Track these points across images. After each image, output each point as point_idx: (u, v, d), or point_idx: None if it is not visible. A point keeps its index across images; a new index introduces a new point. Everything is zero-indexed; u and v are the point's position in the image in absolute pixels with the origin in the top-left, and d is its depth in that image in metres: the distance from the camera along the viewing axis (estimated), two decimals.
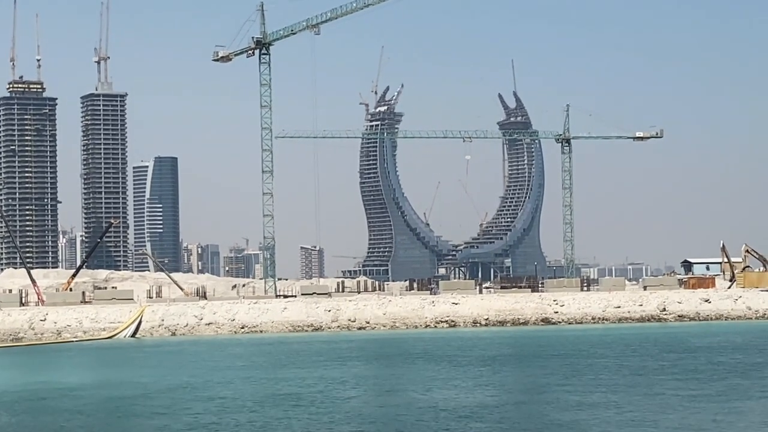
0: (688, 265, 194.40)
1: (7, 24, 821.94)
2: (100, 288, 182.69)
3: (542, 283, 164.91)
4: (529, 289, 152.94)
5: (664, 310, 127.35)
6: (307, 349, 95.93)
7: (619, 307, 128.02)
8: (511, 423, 49.15)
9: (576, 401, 55.29)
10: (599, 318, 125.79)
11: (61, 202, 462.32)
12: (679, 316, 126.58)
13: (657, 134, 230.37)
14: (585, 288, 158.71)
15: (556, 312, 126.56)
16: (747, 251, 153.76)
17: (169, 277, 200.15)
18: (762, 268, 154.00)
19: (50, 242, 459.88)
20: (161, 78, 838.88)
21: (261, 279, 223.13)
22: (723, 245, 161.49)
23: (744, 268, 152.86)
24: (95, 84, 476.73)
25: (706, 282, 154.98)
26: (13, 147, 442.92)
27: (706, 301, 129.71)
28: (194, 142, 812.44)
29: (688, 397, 56.14)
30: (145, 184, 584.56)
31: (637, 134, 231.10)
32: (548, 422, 49.06)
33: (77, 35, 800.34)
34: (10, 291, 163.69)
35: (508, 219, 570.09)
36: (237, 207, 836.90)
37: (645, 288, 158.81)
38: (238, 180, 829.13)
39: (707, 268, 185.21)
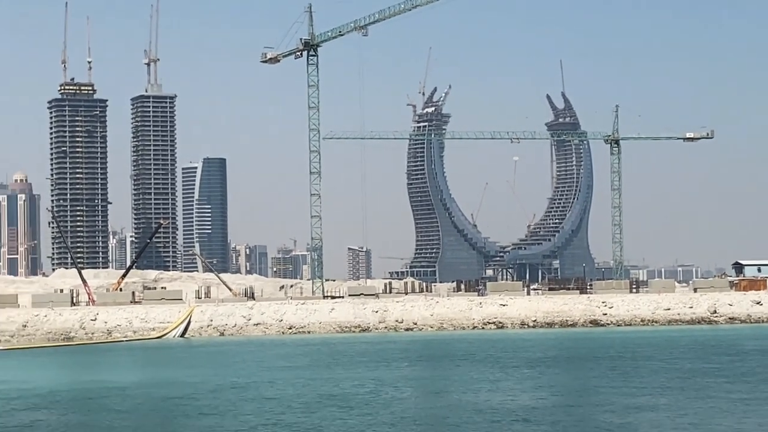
0: (739, 267, 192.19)
1: (58, 27, 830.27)
2: (149, 288, 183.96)
3: (591, 285, 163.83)
4: (578, 291, 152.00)
5: (715, 312, 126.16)
6: (355, 350, 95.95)
7: (668, 309, 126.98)
8: (563, 426, 48.83)
9: (628, 404, 54.85)
10: (648, 320, 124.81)
11: (111, 203, 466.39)
12: (729, 318, 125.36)
13: (708, 135, 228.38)
14: (634, 290, 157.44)
15: (605, 314, 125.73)
16: None
17: (218, 277, 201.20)
18: None
19: (101, 243, 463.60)
20: (210, 79, 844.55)
21: (308, 280, 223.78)
22: None
23: None
24: (145, 86, 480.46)
25: (757, 284, 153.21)
26: (65, 148, 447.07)
27: (758, 303, 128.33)
28: (242, 143, 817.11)
29: (740, 401, 55.51)
30: (193, 185, 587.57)
31: (688, 135, 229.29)
32: (600, 425, 48.68)
33: (127, 38, 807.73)
34: (62, 291, 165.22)
35: (557, 220, 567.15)
36: (285, 208, 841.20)
37: (695, 290, 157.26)
38: (286, 181, 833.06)
39: (759, 270, 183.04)
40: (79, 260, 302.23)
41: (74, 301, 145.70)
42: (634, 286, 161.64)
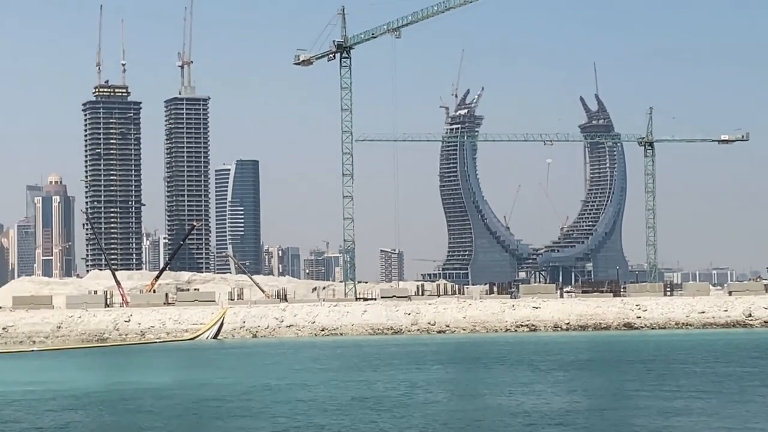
0: None
1: (93, 29, 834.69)
2: (182, 290, 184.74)
3: (624, 288, 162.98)
4: (611, 294, 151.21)
5: (750, 315, 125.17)
6: (387, 352, 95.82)
7: (703, 312, 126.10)
8: (597, 430, 48.50)
9: (663, 407, 54.41)
10: (683, 323, 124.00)
11: (144, 205, 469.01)
12: (765, 321, 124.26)
13: (743, 137, 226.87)
14: (668, 293, 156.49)
15: (639, 317, 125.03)
16: None
17: (251, 279, 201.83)
18: None
19: (134, 244, 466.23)
20: (243, 82, 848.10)
21: (341, 282, 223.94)
22: None
23: None
24: (179, 88, 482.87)
25: None
26: (99, 150, 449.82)
27: None
28: (275, 145, 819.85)
29: None
30: (227, 187, 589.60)
31: (722, 137, 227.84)
32: (635, 429, 48.34)
33: (161, 40, 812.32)
34: (96, 292, 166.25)
35: (590, 223, 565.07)
36: (317, 210, 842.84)
37: (730, 293, 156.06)
38: (319, 183, 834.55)
39: None
40: (112, 262, 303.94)
41: (108, 302, 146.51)
42: (668, 289, 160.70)
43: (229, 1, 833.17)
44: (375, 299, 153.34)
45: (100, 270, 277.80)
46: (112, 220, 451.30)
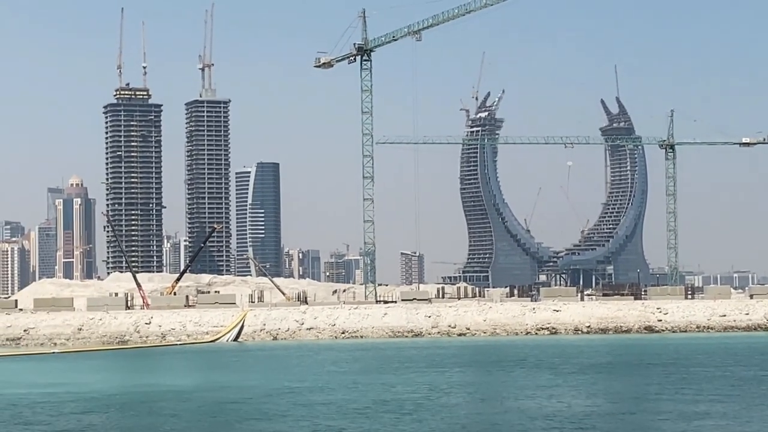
0: None
1: (114, 32, 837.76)
2: (203, 292, 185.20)
3: (645, 291, 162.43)
4: (632, 297, 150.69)
5: None
6: (407, 355, 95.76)
7: (724, 315, 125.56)
8: (619, 431, 48.39)
9: (684, 411, 54.16)
10: (704, 327, 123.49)
11: (165, 207, 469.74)
12: None
13: (764, 140, 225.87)
14: (689, 296, 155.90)
15: (660, 320, 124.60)
16: None
17: (272, 281, 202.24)
18: None
19: (155, 247, 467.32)
20: (264, 84, 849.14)
21: (361, 284, 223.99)
22: None
23: None
24: (199, 90, 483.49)
25: None
26: (120, 153, 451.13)
27: None
28: (296, 147, 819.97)
29: None
30: (247, 189, 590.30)
31: (744, 140, 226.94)
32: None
33: (182, 43, 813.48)
34: (117, 294, 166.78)
35: (611, 226, 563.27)
36: (338, 212, 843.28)
37: (751, 296, 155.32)
38: (339, 185, 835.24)
39: None
40: (133, 264, 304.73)
41: (129, 304, 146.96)
42: (689, 293, 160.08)
43: (250, 4, 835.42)
44: (395, 302, 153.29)
45: (121, 272, 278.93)
46: (133, 222, 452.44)
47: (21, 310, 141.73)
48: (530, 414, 54.16)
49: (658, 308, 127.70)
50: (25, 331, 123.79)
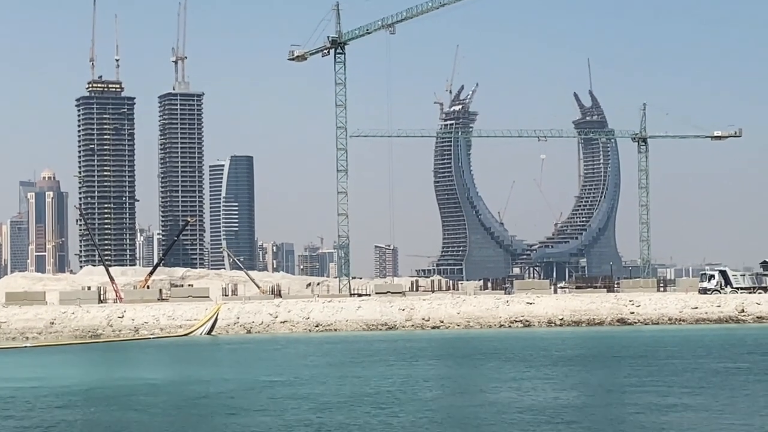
0: (766, 266, 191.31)
1: (86, 24, 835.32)
2: (176, 286, 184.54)
3: (618, 284, 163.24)
4: (605, 290, 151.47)
5: (743, 311, 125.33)
6: (381, 348, 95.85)
7: (696, 307, 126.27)
8: (588, 426, 48.57)
9: (657, 403, 54.49)
10: (676, 319, 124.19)
11: (138, 201, 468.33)
12: (757, 317, 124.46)
13: (735, 133, 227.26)
14: (661, 288, 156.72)
15: (632, 312, 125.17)
16: None
17: (247, 274, 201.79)
18: None
19: (128, 240, 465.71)
20: (237, 77, 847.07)
21: (335, 278, 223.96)
22: None
23: None
24: (172, 83, 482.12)
25: None
26: (93, 146, 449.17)
27: None
28: (269, 141, 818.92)
29: None
30: (221, 182, 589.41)
31: (716, 133, 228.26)
32: (627, 424, 48.44)
33: (155, 35, 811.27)
34: (89, 288, 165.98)
35: (584, 218, 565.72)
36: (312, 206, 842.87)
37: None
38: (313, 179, 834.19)
39: None
40: (106, 258, 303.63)
41: (101, 298, 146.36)
42: (661, 285, 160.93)
43: None
44: (369, 295, 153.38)
45: (94, 266, 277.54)
46: (106, 215, 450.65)
47: None
48: (501, 406, 54.33)
49: (630, 301, 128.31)
50: None
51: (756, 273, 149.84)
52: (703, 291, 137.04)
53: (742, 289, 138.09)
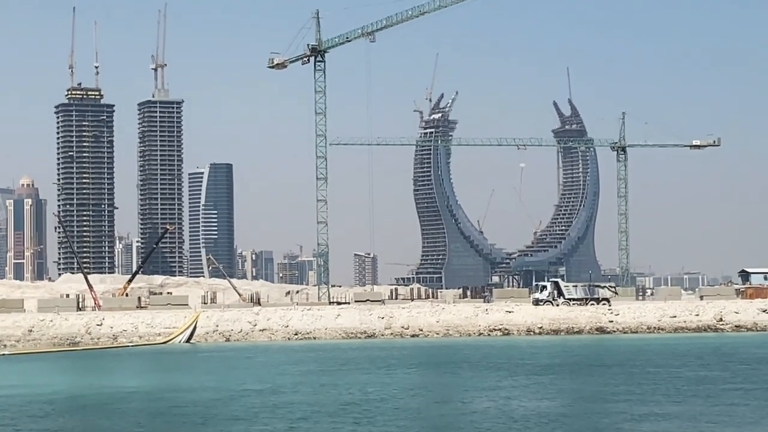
0: (745, 275, 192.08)
1: (66, 31, 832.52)
2: (155, 293, 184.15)
3: None
4: None
5: (721, 320, 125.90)
6: (360, 356, 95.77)
7: (675, 316, 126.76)
8: None
9: (635, 412, 54.61)
10: (655, 327, 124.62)
11: (117, 208, 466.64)
12: (735, 326, 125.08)
13: (714, 142, 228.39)
14: (640, 297, 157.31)
15: (611, 321, 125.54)
16: None
17: (230, 282, 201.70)
18: None
19: (107, 248, 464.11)
20: (217, 85, 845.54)
21: (315, 286, 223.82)
22: None
23: None
24: (152, 91, 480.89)
25: (763, 292, 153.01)
26: (71, 153, 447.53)
27: (764, 311, 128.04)
28: (249, 148, 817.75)
29: (749, 408, 55.27)
30: (200, 190, 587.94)
31: (694, 142, 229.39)
32: None
33: (135, 43, 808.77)
34: (68, 296, 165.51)
35: (563, 227, 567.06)
36: (291, 214, 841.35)
37: (701, 298, 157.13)
38: (293, 187, 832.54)
39: (765, 278, 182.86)
40: (85, 265, 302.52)
41: (80, 306, 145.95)
42: (640, 294, 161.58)
43: (203, 4, 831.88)
44: (349, 303, 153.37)
45: (72, 273, 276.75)
46: (85, 223, 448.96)
47: None
48: (478, 415, 54.34)
49: (609, 309, 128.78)
50: None
51: (589, 284, 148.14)
52: (536, 302, 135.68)
53: (574, 300, 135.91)
